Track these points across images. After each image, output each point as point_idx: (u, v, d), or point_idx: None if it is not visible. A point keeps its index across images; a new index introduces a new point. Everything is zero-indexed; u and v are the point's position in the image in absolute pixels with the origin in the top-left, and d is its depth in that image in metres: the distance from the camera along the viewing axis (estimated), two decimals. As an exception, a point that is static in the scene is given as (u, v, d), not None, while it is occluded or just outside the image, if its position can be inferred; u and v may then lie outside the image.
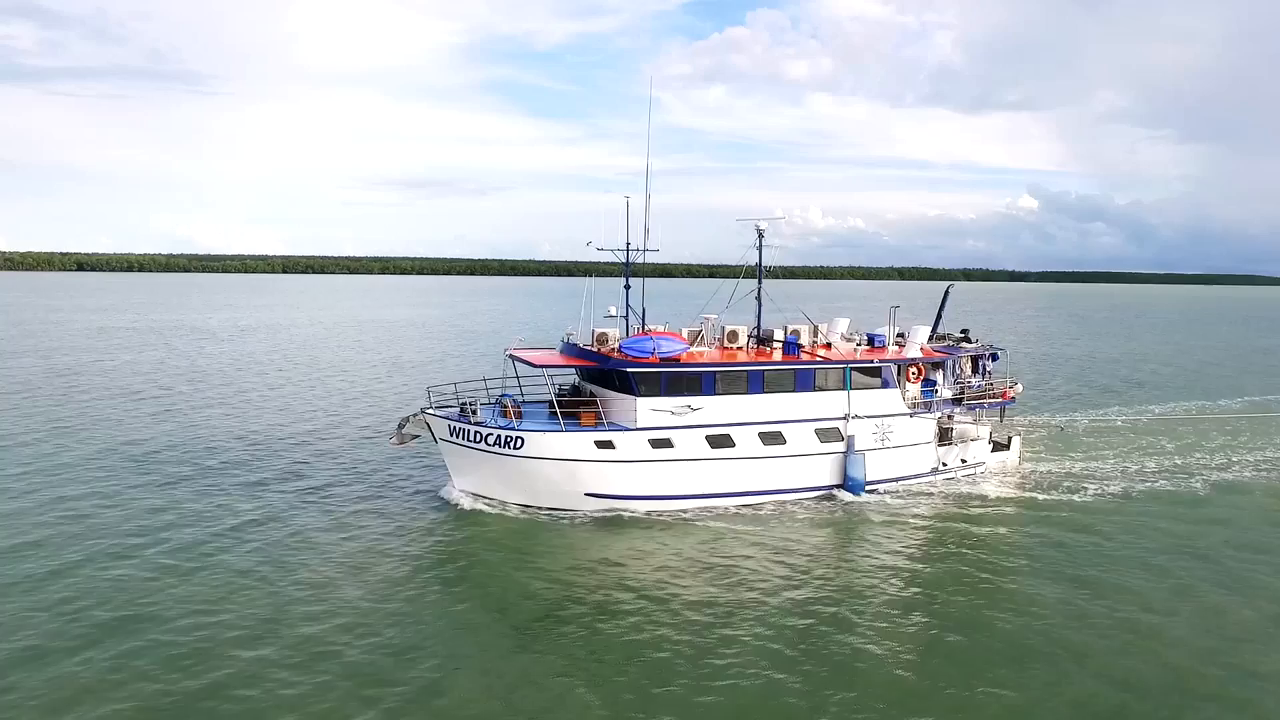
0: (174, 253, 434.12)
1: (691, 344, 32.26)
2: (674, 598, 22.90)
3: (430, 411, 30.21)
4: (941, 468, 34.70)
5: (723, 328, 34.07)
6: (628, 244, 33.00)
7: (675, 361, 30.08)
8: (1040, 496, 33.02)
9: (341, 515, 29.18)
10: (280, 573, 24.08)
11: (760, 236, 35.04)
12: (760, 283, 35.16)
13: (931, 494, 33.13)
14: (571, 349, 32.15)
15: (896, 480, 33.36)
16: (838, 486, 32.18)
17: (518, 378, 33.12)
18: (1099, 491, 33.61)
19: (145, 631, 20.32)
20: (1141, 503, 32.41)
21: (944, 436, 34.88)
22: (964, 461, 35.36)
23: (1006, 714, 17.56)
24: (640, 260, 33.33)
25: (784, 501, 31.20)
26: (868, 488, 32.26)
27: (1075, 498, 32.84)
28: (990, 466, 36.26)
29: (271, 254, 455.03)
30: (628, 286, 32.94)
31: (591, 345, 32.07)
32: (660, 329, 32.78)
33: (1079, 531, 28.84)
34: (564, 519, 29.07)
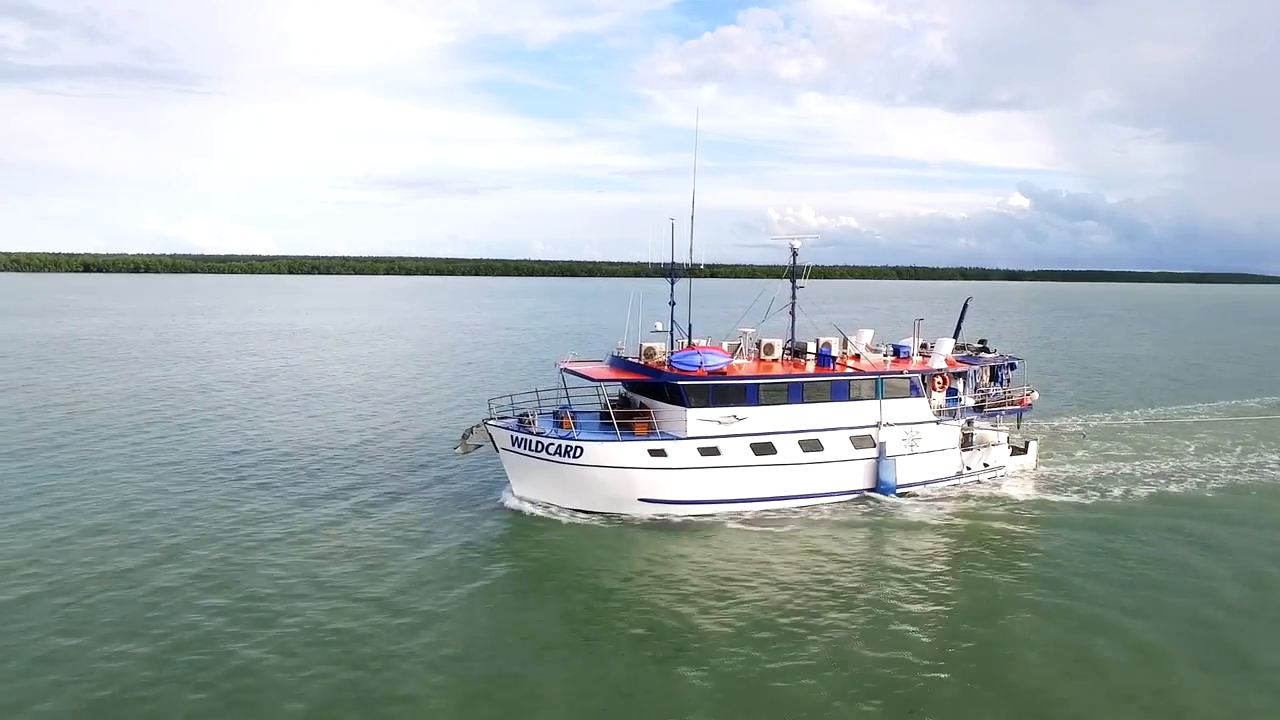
0: (167, 253, 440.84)
1: (732, 356, 34.41)
2: (721, 596, 24.95)
3: (492, 423, 32.30)
4: (965, 471, 36.90)
5: (759, 341, 36.24)
6: (672, 263, 35.08)
7: (722, 374, 32.25)
8: (1057, 498, 35.18)
9: (410, 519, 31.29)
10: (348, 572, 26.13)
11: (794, 255, 37.18)
12: (794, 297, 37.29)
13: (957, 496, 35.32)
14: (623, 363, 34.33)
15: (924, 483, 35.55)
16: (871, 490, 34.37)
17: (566, 389, 35.16)
18: (1113, 492, 35.81)
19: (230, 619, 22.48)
20: (1153, 503, 34.62)
21: (966, 442, 37.14)
22: (986, 465, 37.56)
23: (1027, 707, 19.34)
24: (686, 277, 35.34)
25: (821, 504, 33.39)
26: (898, 491, 34.45)
27: (1090, 499, 35.03)
28: (1010, 470, 38.47)
29: (274, 255, 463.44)
30: (673, 303, 34.98)
31: (639, 358, 34.22)
32: (703, 343, 34.88)
33: (1094, 531, 31.06)
34: (618, 523, 31.15)
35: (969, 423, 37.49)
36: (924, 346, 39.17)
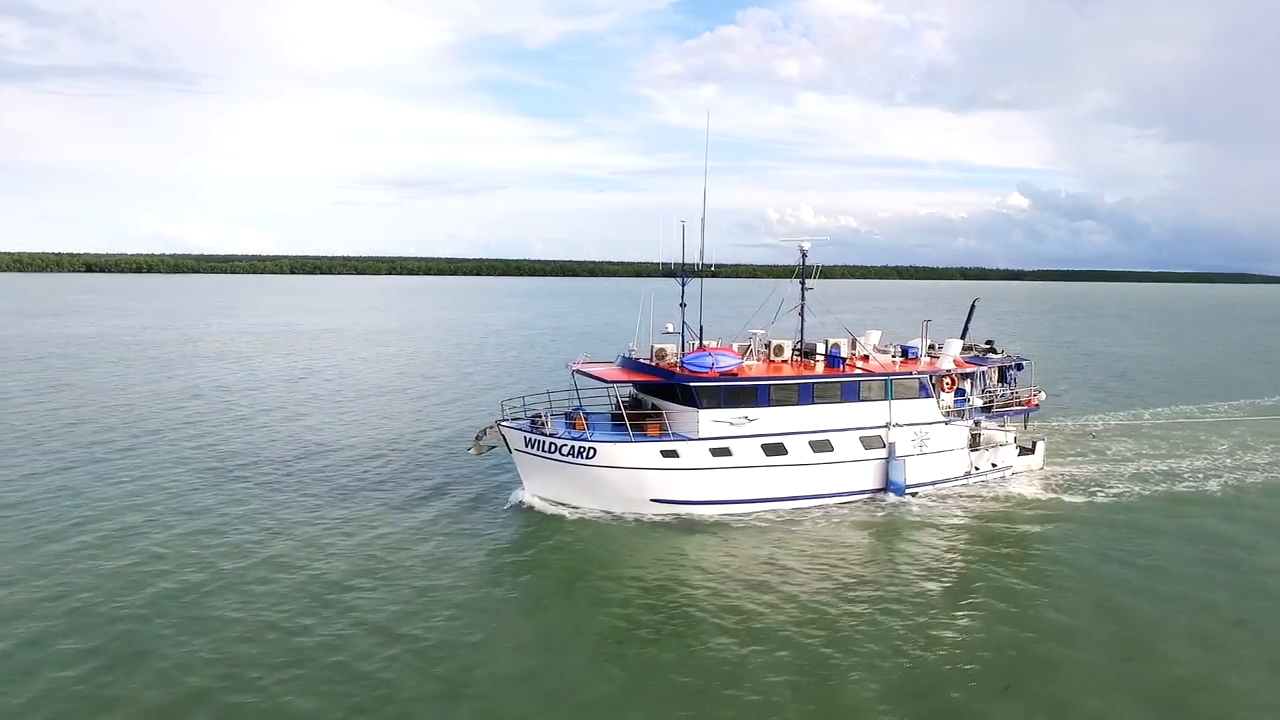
0: (167, 252, 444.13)
1: (742, 357, 34.65)
2: (732, 596, 25.15)
3: (506, 424, 32.56)
4: (974, 471, 37.15)
5: (768, 342, 36.48)
6: (683, 264, 35.31)
7: (733, 375, 32.50)
8: (1064, 497, 35.42)
9: (425, 518, 31.63)
10: (364, 570, 26.48)
11: (803, 256, 37.42)
12: (803, 298, 37.53)
13: (965, 496, 35.60)
14: (634, 364, 34.59)
15: (934, 484, 35.80)
16: (881, 490, 34.63)
17: (577, 390, 35.40)
18: (1119, 491, 36.08)
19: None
20: (1161, 502, 34.88)
21: (974, 442, 37.39)
22: (994, 465, 37.80)
23: (1039, 700, 19.66)
24: (697, 278, 35.54)
25: (832, 504, 33.64)
26: (908, 491, 34.71)
27: (1096, 498, 35.29)
28: (1017, 470, 38.71)
29: (274, 255, 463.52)
30: (683, 305, 35.23)
31: (651, 360, 34.48)
32: (714, 344, 35.13)
33: (1101, 529, 31.33)
34: (631, 523, 31.37)
35: (977, 423, 37.75)
36: (932, 347, 39.42)
